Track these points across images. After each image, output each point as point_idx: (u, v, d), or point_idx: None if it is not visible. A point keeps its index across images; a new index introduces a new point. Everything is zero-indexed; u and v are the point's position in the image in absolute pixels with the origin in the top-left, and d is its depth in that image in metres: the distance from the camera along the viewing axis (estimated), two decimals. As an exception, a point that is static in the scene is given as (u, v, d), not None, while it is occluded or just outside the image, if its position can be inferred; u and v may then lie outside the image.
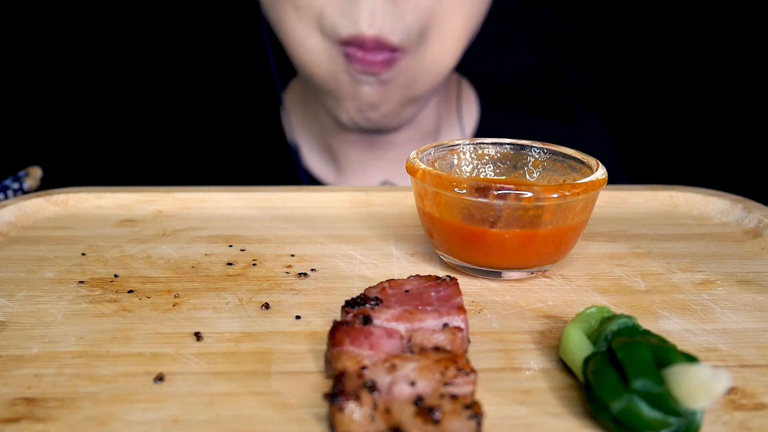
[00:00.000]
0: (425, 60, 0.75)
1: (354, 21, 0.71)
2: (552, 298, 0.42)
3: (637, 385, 0.29)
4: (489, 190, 0.40)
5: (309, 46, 0.75)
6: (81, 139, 1.04)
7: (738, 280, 0.45)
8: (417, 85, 0.77)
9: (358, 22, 0.70)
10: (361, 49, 0.72)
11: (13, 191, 0.64)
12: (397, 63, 0.74)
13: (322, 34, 0.73)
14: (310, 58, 0.76)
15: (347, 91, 0.76)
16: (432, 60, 0.76)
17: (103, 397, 0.32)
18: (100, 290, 0.43)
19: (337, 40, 0.72)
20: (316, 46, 0.74)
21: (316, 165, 0.89)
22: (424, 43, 0.74)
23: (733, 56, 1.04)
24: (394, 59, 0.73)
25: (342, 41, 0.72)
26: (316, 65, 0.76)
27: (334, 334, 0.33)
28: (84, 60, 1.03)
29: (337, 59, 0.74)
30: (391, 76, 0.74)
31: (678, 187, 0.61)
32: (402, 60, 0.74)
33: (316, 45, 0.74)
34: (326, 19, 0.72)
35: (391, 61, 0.73)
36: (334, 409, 0.28)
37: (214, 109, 0.96)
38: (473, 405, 0.28)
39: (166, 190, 0.60)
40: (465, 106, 0.93)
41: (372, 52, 0.72)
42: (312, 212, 0.58)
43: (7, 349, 0.36)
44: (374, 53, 0.72)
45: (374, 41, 0.71)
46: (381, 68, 0.73)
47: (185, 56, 1.04)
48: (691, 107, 1.07)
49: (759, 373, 0.34)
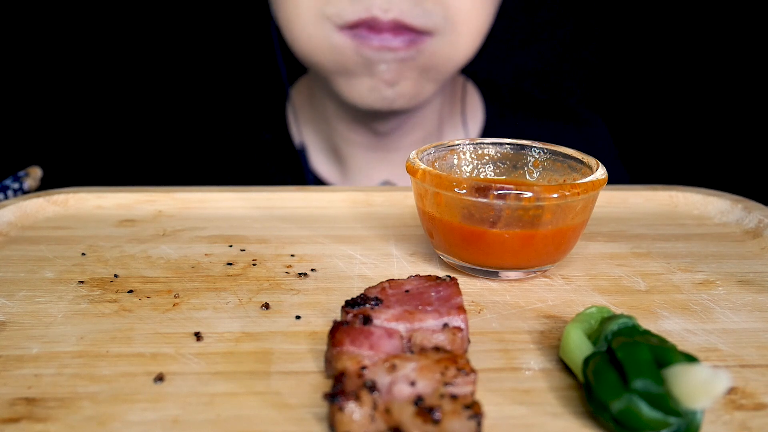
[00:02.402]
0: (449, 45, 0.75)
1: (367, 5, 0.69)
2: (552, 298, 0.42)
3: (637, 385, 0.29)
4: (489, 190, 0.40)
5: (309, 33, 0.73)
6: (81, 139, 1.04)
7: (738, 280, 0.45)
8: (436, 69, 0.76)
9: (371, 7, 0.69)
10: (374, 32, 0.71)
11: (13, 191, 0.64)
12: (419, 44, 0.73)
13: (323, 20, 0.72)
14: (312, 47, 0.74)
15: (359, 72, 0.74)
16: (456, 47, 0.75)
17: (103, 397, 0.32)
18: (100, 290, 0.43)
19: (342, 24, 0.71)
20: (317, 34, 0.73)
21: (322, 166, 0.89)
22: (452, 29, 0.73)
23: (733, 57, 1.04)
24: (418, 40, 0.72)
25: (349, 24, 0.71)
26: (319, 53, 0.74)
27: (334, 334, 0.33)
28: (84, 60, 1.03)
29: (345, 43, 0.72)
30: (410, 54, 0.73)
31: (678, 187, 0.61)
32: (426, 42, 0.73)
33: (317, 32, 0.73)
34: (331, 4, 0.71)
35: (414, 42, 0.72)
36: (334, 409, 0.28)
37: (219, 109, 0.96)
38: (473, 405, 0.28)
39: (166, 190, 0.60)
40: (469, 108, 0.93)
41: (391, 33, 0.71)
42: (312, 212, 0.58)
43: (7, 349, 0.36)
44: (394, 33, 0.71)
45: (391, 24, 0.70)
46: (402, 45, 0.72)
47: (190, 56, 1.04)
48: (692, 108, 1.07)
49: (759, 373, 0.34)
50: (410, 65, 0.74)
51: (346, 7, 0.70)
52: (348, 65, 0.74)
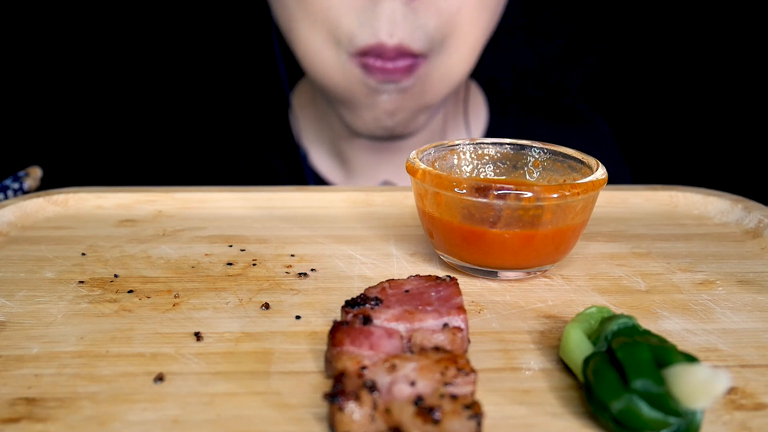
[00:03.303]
0: (443, 67, 0.76)
1: (374, 31, 0.70)
2: (552, 298, 0.42)
3: (637, 385, 0.29)
4: (489, 190, 0.40)
5: (323, 57, 0.75)
6: (81, 139, 1.03)
7: (738, 280, 0.45)
8: (432, 91, 0.77)
9: (378, 32, 0.70)
10: (381, 59, 0.72)
11: (13, 191, 0.64)
12: (417, 69, 0.74)
13: (337, 45, 0.73)
14: (325, 70, 0.76)
15: (363, 102, 0.76)
16: (449, 67, 0.76)
17: (103, 397, 0.32)
18: (100, 290, 0.43)
19: (353, 52, 0.72)
20: (331, 59, 0.74)
21: (324, 167, 0.90)
22: (444, 50, 0.74)
23: (733, 57, 1.04)
24: (416, 65, 0.73)
25: (359, 52, 0.72)
26: (331, 77, 0.76)
27: (334, 334, 0.33)
28: (84, 60, 1.03)
29: (353, 71, 0.74)
30: (411, 82, 0.74)
31: (678, 187, 0.61)
32: (421, 66, 0.74)
33: (331, 57, 0.74)
34: (342, 30, 0.72)
35: (413, 68, 0.73)
36: (334, 409, 0.28)
37: (220, 109, 0.96)
38: (473, 405, 0.28)
39: (166, 190, 0.60)
40: (472, 109, 0.93)
41: (393, 60, 0.72)
42: (312, 212, 0.58)
43: (7, 349, 0.36)
44: (395, 61, 0.72)
45: (395, 50, 0.71)
46: (402, 75, 0.73)
47: (190, 57, 1.04)
48: (692, 108, 1.07)
49: (759, 373, 0.34)
50: (409, 93, 0.75)
51: (355, 30, 0.71)
52: (354, 94, 0.76)
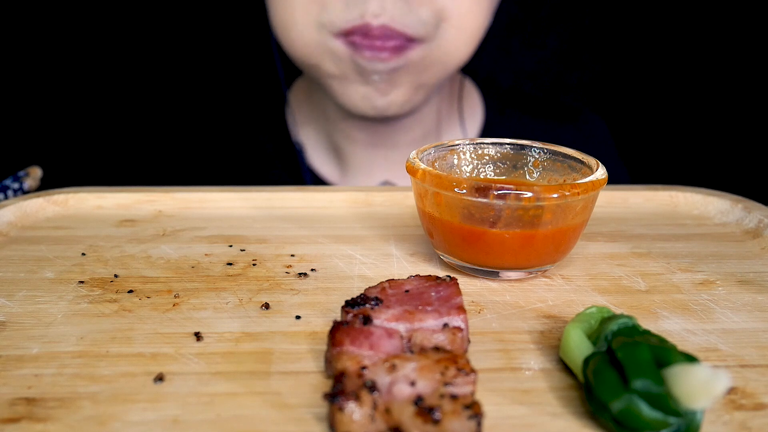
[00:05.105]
0: (439, 51, 0.75)
1: (360, 12, 0.70)
2: (552, 298, 0.42)
3: (637, 385, 0.29)
4: (489, 190, 0.40)
5: (306, 39, 0.75)
6: (81, 139, 1.03)
7: (738, 280, 0.45)
8: (428, 74, 0.77)
9: (365, 13, 0.70)
10: (367, 38, 0.72)
11: (13, 191, 0.64)
12: (407, 51, 0.73)
13: (319, 26, 0.73)
14: (309, 50, 0.76)
15: (354, 78, 0.76)
16: (446, 51, 0.76)
17: (103, 397, 0.32)
18: (100, 290, 0.43)
19: (337, 32, 0.72)
20: (313, 39, 0.74)
21: (321, 164, 0.90)
22: (440, 34, 0.74)
23: (733, 57, 1.04)
24: (405, 47, 0.73)
25: (344, 32, 0.72)
26: (317, 57, 0.76)
27: (334, 334, 0.33)
28: (84, 60, 1.03)
29: (339, 49, 0.74)
30: (400, 64, 0.74)
31: (678, 187, 0.61)
32: (414, 49, 0.74)
33: (313, 37, 0.74)
34: (327, 12, 0.72)
35: (401, 48, 0.73)
36: (334, 409, 0.28)
37: (217, 108, 0.96)
38: (473, 405, 0.28)
39: (166, 190, 0.60)
40: (468, 107, 0.93)
41: (381, 39, 0.72)
42: (312, 212, 0.58)
43: (7, 349, 0.36)
44: (383, 40, 0.72)
45: (381, 29, 0.71)
46: (391, 54, 0.73)
47: (188, 56, 1.04)
48: (692, 108, 1.07)
49: (759, 373, 0.34)
50: (402, 74, 0.75)
51: (340, 13, 0.71)
52: (344, 70, 0.75)
